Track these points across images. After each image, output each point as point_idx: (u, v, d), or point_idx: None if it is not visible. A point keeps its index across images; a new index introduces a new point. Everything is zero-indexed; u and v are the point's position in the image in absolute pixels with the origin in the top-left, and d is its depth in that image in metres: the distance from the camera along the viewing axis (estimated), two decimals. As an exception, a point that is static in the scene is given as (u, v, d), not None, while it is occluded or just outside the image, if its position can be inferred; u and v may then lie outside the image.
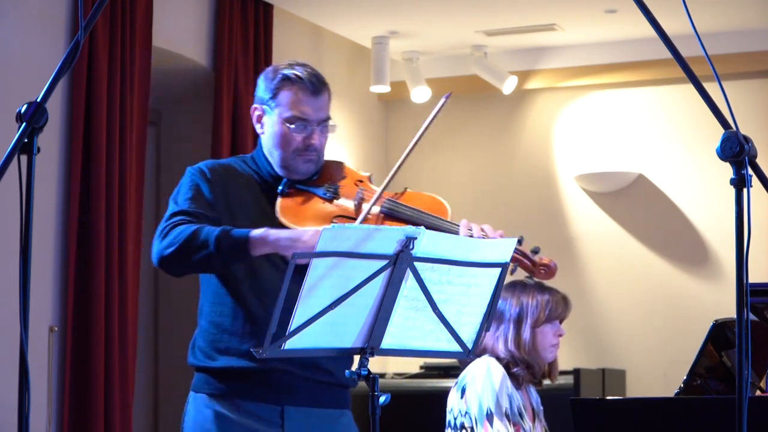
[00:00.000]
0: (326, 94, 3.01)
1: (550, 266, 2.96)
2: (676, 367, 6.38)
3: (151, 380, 6.27)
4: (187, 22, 5.90)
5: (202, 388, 2.98)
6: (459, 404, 3.78)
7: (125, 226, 5.23)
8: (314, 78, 2.98)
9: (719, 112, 2.26)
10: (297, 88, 2.97)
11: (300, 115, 2.96)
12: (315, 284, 2.40)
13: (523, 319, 3.89)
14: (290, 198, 2.97)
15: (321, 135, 2.99)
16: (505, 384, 3.76)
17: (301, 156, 2.98)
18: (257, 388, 2.93)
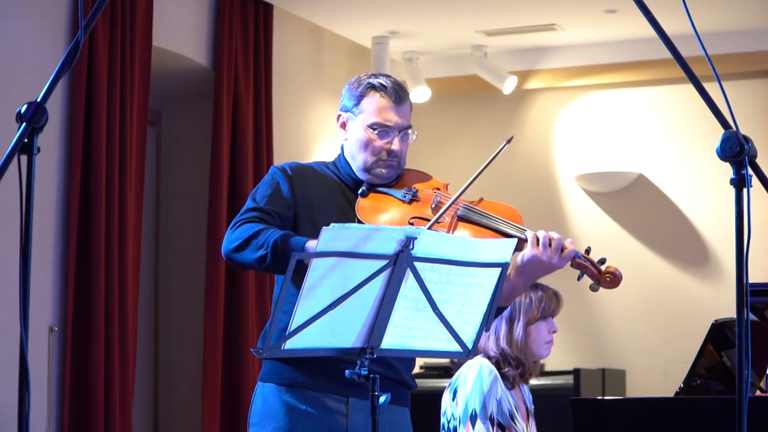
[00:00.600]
0: (408, 104, 3.11)
1: (616, 274, 3.01)
2: (676, 367, 6.38)
3: (151, 380, 6.26)
4: (187, 22, 5.90)
5: (270, 377, 3.02)
6: (451, 407, 3.79)
7: (125, 226, 5.23)
8: (397, 87, 3.09)
9: (719, 112, 2.26)
10: (380, 95, 3.07)
11: (383, 122, 3.06)
12: (315, 284, 2.40)
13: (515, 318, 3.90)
14: (369, 199, 3.05)
15: (402, 142, 3.08)
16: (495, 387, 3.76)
17: (383, 161, 3.06)
18: (324, 377, 2.96)
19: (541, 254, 2.93)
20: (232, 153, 5.99)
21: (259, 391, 3.04)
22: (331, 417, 2.96)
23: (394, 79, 3.12)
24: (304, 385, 2.97)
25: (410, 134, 3.10)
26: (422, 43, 7.12)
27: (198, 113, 6.23)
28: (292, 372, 2.98)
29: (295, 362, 2.97)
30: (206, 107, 6.04)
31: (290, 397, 2.97)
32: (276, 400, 2.99)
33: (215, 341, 5.81)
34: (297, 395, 2.97)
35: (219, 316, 5.83)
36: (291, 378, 2.98)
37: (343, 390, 2.96)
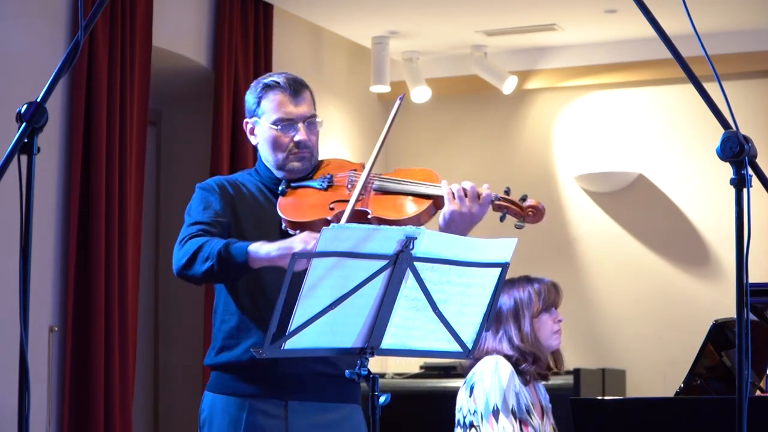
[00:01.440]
0: (307, 93, 3.16)
1: (538, 207, 3.04)
2: (676, 367, 6.39)
3: (151, 380, 6.27)
4: (187, 22, 5.90)
5: (215, 387, 3.09)
6: (468, 403, 3.78)
7: (125, 226, 5.23)
8: (292, 80, 3.14)
9: (719, 112, 2.26)
10: (276, 92, 3.13)
11: (284, 116, 3.12)
12: (315, 284, 2.40)
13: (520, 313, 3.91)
14: (289, 196, 3.09)
15: (309, 132, 3.13)
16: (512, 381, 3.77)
17: (293, 154, 3.11)
18: (263, 383, 3.01)
19: (459, 207, 2.96)
20: (232, 153, 5.99)
21: (204, 400, 3.11)
22: (271, 423, 3.00)
23: (288, 74, 3.18)
24: (244, 393, 3.02)
25: (317, 123, 3.15)
26: (422, 43, 7.12)
27: (198, 113, 6.23)
28: (233, 381, 3.04)
29: (234, 371, 3.03)
30: (206, 107, 6.04)
31: (231, 406, 3.03)
32: (219, 411, 3.05)
33: (215, 341, 5.81)
34: (238, 405, 3.02)
35: (219, 316, 5.83)
36: (231, 387, 3.04)
37: (281, 394, 3.01)
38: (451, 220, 2.96)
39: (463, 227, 2.97)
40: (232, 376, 3.04)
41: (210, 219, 3.03)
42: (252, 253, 2.85)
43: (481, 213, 2.99)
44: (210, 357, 3.10)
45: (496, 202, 3.04)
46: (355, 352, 2.52)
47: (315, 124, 3.14)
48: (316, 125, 3.14)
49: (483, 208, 2.99)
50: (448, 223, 2.97)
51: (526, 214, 3.03)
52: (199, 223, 3.02)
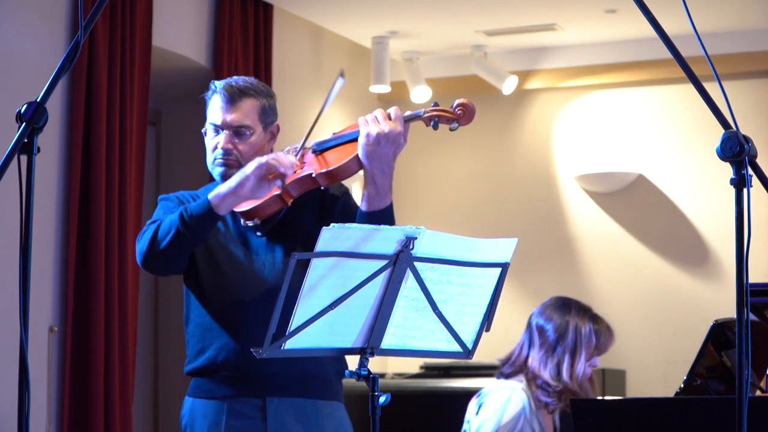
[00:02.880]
0: (246, 102, 3.17)
1: (467, 105, 2.95)
2: (676, 367, 6.40)
3: (151, 380, 6.27)
4: (187, 22, 5.90)
5: (194, 391, 3.09)
6: (474, 420, 3.77)
7: (125, 226, 5.23)
8: (233, 87, 3.16)
9: (719, 112, 2.26)
10: (214, 96, 3.22)
11: (212, 121, 3.21)
12: (315, 284, 2.40)
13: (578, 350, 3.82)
14: None
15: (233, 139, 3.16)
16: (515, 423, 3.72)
17: (217, 160, 3.18)
18: (240, 383, 3.00)
19: (373, 130, 2.90)
20: (232, 153, 5.99)
21: (185, 405, 3.11)
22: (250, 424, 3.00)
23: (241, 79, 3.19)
24: (222, 396, 3.01)
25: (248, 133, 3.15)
26: (422, 43, 7.12)
27: (198, 113, 6.21)
28: (210, 384, 3.04)
29: (211, 373, 3.03)
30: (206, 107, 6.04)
31: (210, 410, 3.03)
32: (199, 415, 3.05)
33: (215, 341, 5.81)
34: (216, 408, 3.02)
35: (219, 316, 5.83)
36: (209, 391, 3.04)
37: (258, 391, 3.00)
38: (369, 144, 2.90)
39: (381, 150, 2.90)
40: (209, 380, 3.04)
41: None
42: (213, 197, 2.89)
43: (395, 131, 2.90)
44: (187, 365, 3.10)
45: (426, 115, 2.97)
46: (355, 352, 2.52)
47: (245, 134, 3.14)
48: (245, 135, 3.14)
49: (397, 124, 2.92)
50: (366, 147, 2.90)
51: (456, 114, 2.96)
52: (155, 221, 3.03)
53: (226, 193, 2.90)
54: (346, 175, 2.97)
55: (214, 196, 2.91)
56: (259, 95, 3.18)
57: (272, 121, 3.21)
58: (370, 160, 2.91)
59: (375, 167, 2.91)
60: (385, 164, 2.91)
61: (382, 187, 2.92)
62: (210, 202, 2.90)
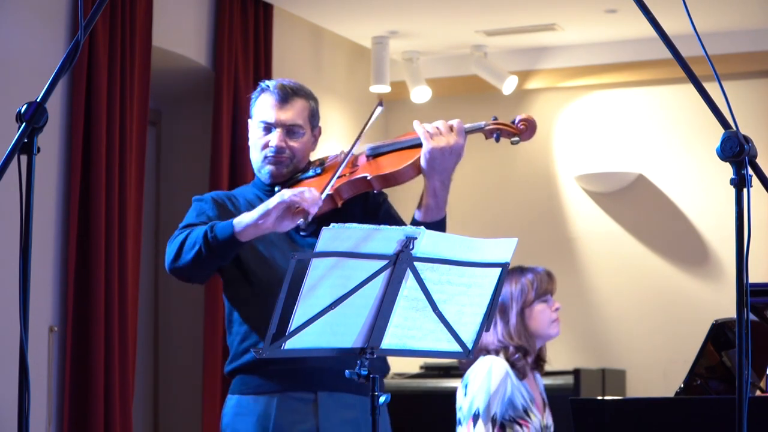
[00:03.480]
0: (297, 102, 3.18)
1: (529, 120, 3.06)
2: (676, 367, 6.39)
3: (151, 380, 6.26)
4: (187, 22, 5.90)
5: (238, 388, 3.07)
6: (465, 401, 3.80)
7: (125, 226, 5.23)
8: (285, 87, 3.17)
9: (719, 112, 2.26)
10: (266, 95, 3.18)
11: (264, 119, 3.15)
12: (315, 284, 2.40)
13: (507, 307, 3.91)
14: None
15: (290, 138, 3.14)
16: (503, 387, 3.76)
17: (266, 158, 3.14)
18: (290, 377, 2.99)
19: (436, 142, 2.98)
20: (232, 153, 5.99)
21: (228, 404, 3.09)
22: (301, 420, 2.99)
23: (290, 81, 3.21)
24: (270, 390, 3.01)
25: (301, 132, 3.15)
26: (422, 43, 7.12)
27: (198, 113, 6.23)
28: (258, 380, 3.03)
29: (259, 370, 3.02)
30: (206, 107, 6.04)
31: (259, 405, 3.02)
32: (245, 411, 3.03)
33: (215, 341, 5.81)
34: (265, 403, 3.01)
35: (219, 316, 5.83)
36: (257, 386, 3.03)
37: (310, 386, 3.00)
38: (432, 157, 2.97)
39: (445, 163, 2.98)
40: (257, 376, 3.02)
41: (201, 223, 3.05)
42: (236, 224, 2.87)
43: (459, 144, 3.00)
44: (229, 364, 3.08)
45: (487, 128, 3.07)
46: (355, 352, 2.52)
47: (297, 133, 3.14)
48: (298, 134, 3.14)
49: (460, 137, 3.01)
50: (429, 161, 2.97)
51: (519, 129, 3.05)
52: (188, 226, 3.04)
53: (249, 223, 2.87)
54: (402, 180, 3.01)
55: (237, 223, 2.88)
56: (308, 97, 3.22)
57: (316, 124, 3.24)
58: (432, 172, 2.98)
59: (436, 179, 2.99)
60: (446, 176, 3.00)
61: (442, 199, 3.01)
62: (233, 228, 2.88)
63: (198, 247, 2.91)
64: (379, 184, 3.01)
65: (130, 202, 5.27)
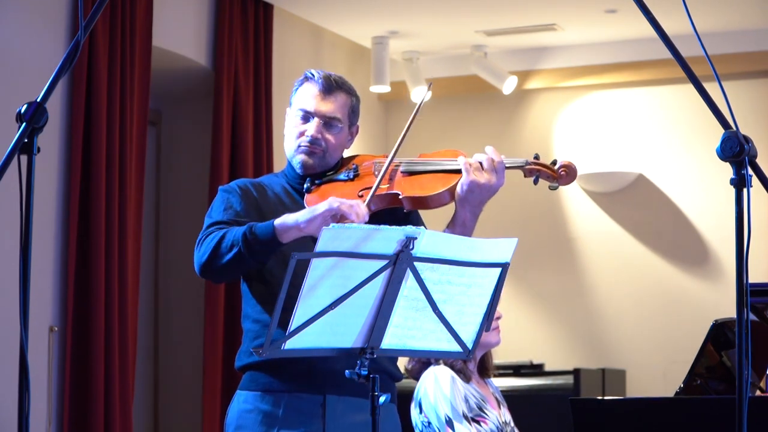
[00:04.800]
0: (341, 96, 3.13)
1: (570, 167, 3.04)
2: (676, 367, 6.39)
3: (151, 380, 6.27)
4: (187, 22, 5.90)
5: (247, 385, 3.05)
6: (420, 418, 3.79)
7: (125, 226, 5.23)
8: (329, 79, 3.12)
9: (719, 112, 2.26)
10: (309, 84, 3.13)
11: (304, 107, 3.11)
12: (315, 284, 2.40)
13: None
14: (315, 192, 3.08)
15: (326, 130, 3.10)
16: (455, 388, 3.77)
17: (301, 147, 3.10)
18: (300, 378, 2.97)
19: (477, 177, 2.97)
20: (232, 153, 5.99)
21: (235, 399, 3.07)
22: (308, 421, 2.97)
23: (335, 75, 3.16)
24: (280, 389, 2.99)
25: (339, 126, 3.11)
26: (422, 43, 7.12)
27: (198, 113, 6.23)
28: (268, 377, 3.00)
29: (270, 368, 3.00)
30: (206, 107, 6.04)
31: (266, 404, 3.00)
32: (252, 408, 3.01)
33: (215, 341, 5.81)
34: (273, 401, 2.99)
35: (219, 316, 5.83)
36: (266, 384, 3.01)
37: (319, 388, 2.97)
38: (470, 190, 2.96)
39: (482, 198, 2.99)
40: (267, 373, 3.00)
41: (230, 219, 3.00)
42: (279, 226, 2.83)
43: (499, 182, 3.00)
44: (243, 358, 3.06)
45: (528, 167, 3.05)
46: (356, 352, 2.52)
47: (335, 126, 3.10)
48: (336, 127, 3.10)
49: (500, 176, 3.00)
50: (466, 193, 2.97)
51: (559, 175, 3.04)
52: (217, 224, 3.00)
53: (292, 225, 2.84)
54: (434, 205, 2.99)
55: (280, 225, 2.85)
56: (351, 93, 3.17)
57: (355, 122, 3.19)
58: (465, 203, 2.98)
59: (468, 210, 2.99)
60: (477, 209, 3.00)
61: (469, 229, 3.01)
62: (275, 229, 2.85)
63: (237, 248, 2.86)
64: (410, 204, 2.99)
65: (130, 202, 5.27)
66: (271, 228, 2.85)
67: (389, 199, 2.99)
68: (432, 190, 2.99)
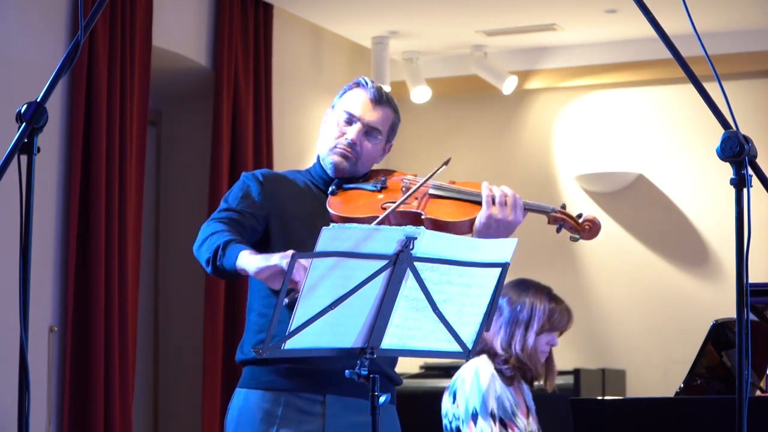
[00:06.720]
0: (387, 111, 3.16)
1: (595, 222, 3.11)
2: (676, 367, 6.39)
3: (151, 380, 6.27)
4: (187, 22, 5.90)
5: (247, 382, 3.04)
6: (452, 409, 3.80)
7: (125, 226, 5.23)
8: (381, 91, 3.16)
9: (719, 112, 2.26)
10: (360, 89, 3.16)
11: (350, 110, 3.13)
12: (315, 284, 2.40)
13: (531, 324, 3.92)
14: (340, 196, 3.08)
15: (365, 138, 3.11)
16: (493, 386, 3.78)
17: (336, 148, 3.10)
18: (301, 377, 2.97)
19: (497, 212, 3.00)
20: (232, 153, 5.99)
21: (236, 397, 3.07)
22: (308, 420, 2.97)
23: (386, 89, 3.19)
24: (281, 388, 2.98)
25: (378, 138, 3.13)
26: (422, 43, 7.12)
27: (198, 113, 6.23)
28: (269, 375, 3.00)
29: (272, 366, 2.99)
30: (206, 107, 6.04)
31: (266, 402, 2.99)
32: (252, 406, 3.01)
33: (215, 341, 5.81)
34: (273, 400, 2.98)
35: (219, 316, 5.83)
36: (268, 382, 3.00)
37: (319, 388, 2.97)
38: (488, 224, 2.98)
39: (499, 233, 2.99)
40: (268, 370, 3.00)
41: (243, 208, 3.00)
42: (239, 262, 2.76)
43: (518, 221, 3.04)
44: (244, 352, 3.05)
45: (553, 214, 3.10)
46: (355, 352, 2.52)
47: (375, 137, 3.12)
48: (375, 138, 3.12)
49: (518, 214, 3.05)
50: (484, 226, 2.98)
51: (583, 228, 3.11)
52: (230, 210, 2.99)
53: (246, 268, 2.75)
54: (453, 231, 2.97)
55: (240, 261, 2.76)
56: (396, 111, 3.21)
57: (391, 139, 3.22)
58: (480, 236, 2.96)
59: None
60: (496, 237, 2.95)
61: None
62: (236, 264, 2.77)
63: (208, 257, 2.86)
64: (430, 226, 2.97)
65: (130, 202, 5.27)
66: (234, 260, 2.78)
67: (411, 217, 3.00)
68: (455, 217, 3.00)
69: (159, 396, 6.29)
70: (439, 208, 3.03)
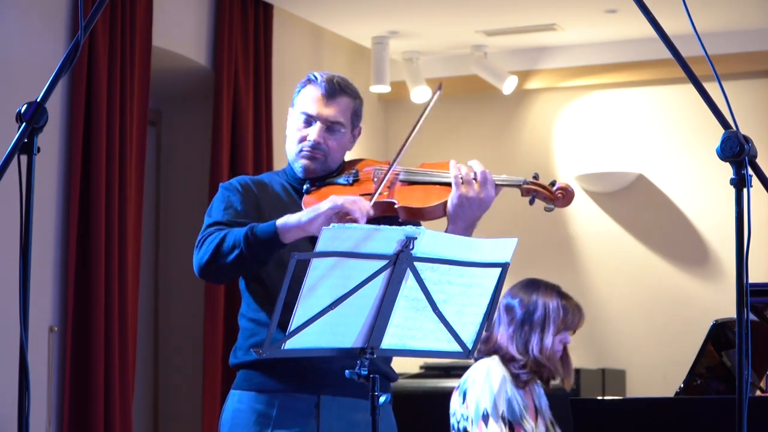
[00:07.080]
0: (343, 100, 3.10)
1: (567, 189, 3.01)
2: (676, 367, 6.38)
3: (151, 380, 6.27)
4: (187, 22, 5.90)
5: (241, 384, 3.04)
6: (461, 409, 3.80)
7: (125, 226, 5.23)
8: (333, 82, 3.09)
9: (719, 112, 2.26)
10: (312, 86, 3.11)
11: (306, 110, 3.09)
12: (315, 284, 2.40)
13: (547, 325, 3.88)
14: (314, 194, 3.06)
15: (328, 136, 3.08)
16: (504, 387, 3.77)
17: (302, 152, 3.08)
18: (294, 378, 2.97)
19: (467, 191, 2.91)
20: (232, 153, 5.99)
21: (230, 399, 3.06)
22: (302, 421, 2.96)
23: (339, 76, 3.13)
24: (274, 389, 2.98)
25: (341, 131, 3.09)
26: (422, 43, 7.12)
27: (198, 113, 6.23)
28: (262, 377, 2.99)
29: (265, 368, 2.99)
30: (206, 107, 6.04)
31: (260, 403, 2.99)
32: (246, 407, 3.00)
33: (215, 341, 5.81)
34: (267, 401, 2.98)
35: (219, 316, 5.83)
36: (261, 383, 3.00)
37: (313, 388, 2.96)
38: (460, 204, 2.91)
39: (471, 212, 2.91)
40: (261, 372, 2.99)
41: (229, 219, 2.99)
42: (280, 226, 2.81)
43: (489, 197, 2.91)
44: (237, 356, 3.05)
45: (525, 186, 2.99)
46: (356, 352, 2.52)
47: (338, 131, 3.08)
48: (338, 131, 3.08)
49: (489, 190, 2.92)
50: (456, 207, 2.91)
51: (556, 197, 3.00)
52: (217, 224, 2.98)
53: (295, 225, 2.82)
54: (428, 217, 2.96)
55: (282, 225, 2.82)
56: (354, 96, 3.14)
57: (357, 124, 3.17)
58: (456, 218, 2.92)
59: (460, 225, 2.92)
60: (470, 223, 2.93)
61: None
62: (277, 230, 2.82)
63: (239, 249, 2.84)
64: (404, 215, 2.97)
65: (130, 202, 5.27)
66: (273, 228, 2.83)
67: (385, 207, 2.98)
68: (427, 202, 2.96)
69: (159, 396, 6.29)
70: (411, 194, 3.00)
